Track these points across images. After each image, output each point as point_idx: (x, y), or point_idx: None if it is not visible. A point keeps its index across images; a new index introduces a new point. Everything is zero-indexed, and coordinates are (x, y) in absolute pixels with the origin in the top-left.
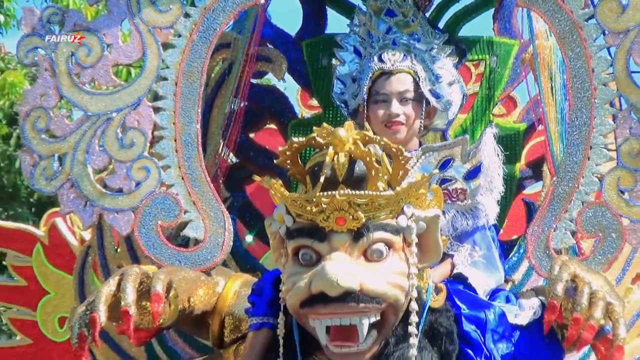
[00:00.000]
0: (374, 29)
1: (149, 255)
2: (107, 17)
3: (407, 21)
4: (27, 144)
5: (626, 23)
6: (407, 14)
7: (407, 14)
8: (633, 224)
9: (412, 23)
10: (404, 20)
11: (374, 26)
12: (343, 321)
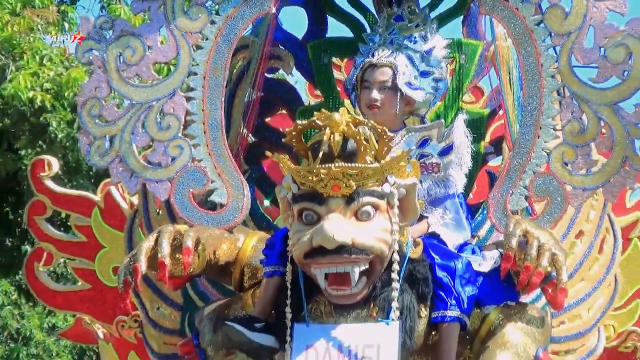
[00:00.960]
0: (384, 30)
1: (182, 216)
2: (149, 24)
3: (410, 26)
4: (84, 127)
5: (568, 27)
6: (414, 21)
7: (414, 21)
8: (574, 190)
9: (415, 28)
10: (407, 25)
11: (384, 28)
12: (338, 269)
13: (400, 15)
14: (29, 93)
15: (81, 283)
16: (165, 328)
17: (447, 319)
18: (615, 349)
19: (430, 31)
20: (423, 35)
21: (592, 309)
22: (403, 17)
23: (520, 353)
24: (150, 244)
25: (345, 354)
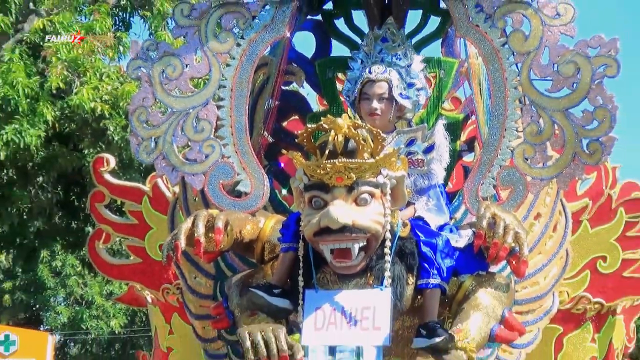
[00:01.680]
0: (372, 50)
1: (214, 203)
2: (186, 46)
3: (394, 46)
4: (134, 130)
5: (528, 47)
6: (396, 41)
7: (396, 41)
8: (534, 180)
9: (398, 47)
10: (392, 45)
11: (372, 48)
12: (341, 245)
13: (385, 37)
14: (90, 104)
15: (133, 257)
16: (200, 293)
17: (430, 285)
18: (569, 311)
19: (409, 48)
20: (404, 53)
21: (548, 277)
22: (387, 39)
23: (490, 313)
24: (189, 225)
25: (347, 314)
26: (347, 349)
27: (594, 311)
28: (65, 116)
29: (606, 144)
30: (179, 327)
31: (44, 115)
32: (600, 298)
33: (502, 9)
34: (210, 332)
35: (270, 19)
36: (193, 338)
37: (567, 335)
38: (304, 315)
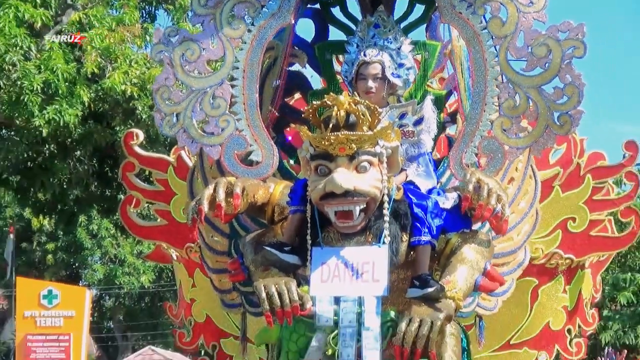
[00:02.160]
0: (365, 35)
1: (229, 171)
2: (203, 32)
3: (385, 31)
4: (158, 107)
5: (505, 32)
6: (387, 26)
7: (387, 26)
8: (511, 148)
9: (389, 32)
10: (384, 30)
11: (366, 33)
12: (344, 208)
13: (377, 23)
14: (121, 86)
15: (160, 220)
16: (216, 250)
17: (422, 242)
18: (544, 265)
19: (398, 32)
20: (394, 37)
21: (520, 233)
22: (379, 25)
23: (474, 266)
24: (211, 191)
25: (349, 268)
26: (350, 299)
27: (565, 266)
28: (99, 97)
29: (574, 117)
30: (201, 281)
31: (81, 97)
32: (571, 254)
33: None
34: (226, 284)
35: (277, 8)
36: (211, 295)
37: (541, 287)
38: (312, 269)
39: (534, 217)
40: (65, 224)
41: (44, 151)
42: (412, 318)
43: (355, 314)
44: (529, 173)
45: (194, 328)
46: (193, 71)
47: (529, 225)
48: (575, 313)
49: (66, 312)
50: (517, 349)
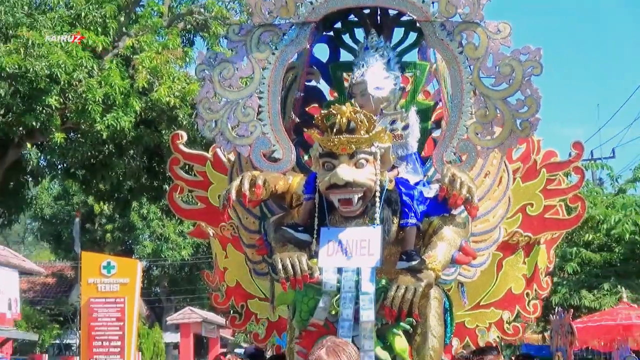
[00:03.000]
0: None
1: (256, 166)
2: (237, 55)
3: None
4: (200, 114)
5: (478, 54)
6: (375, 46)
7: (375, 46)
8: (482, 148)
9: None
10: (372, 51)
11: (361, 57)
12: (346, 196)
13: (366, 46)
14: (166, 98)
15: (199, 204)
16: (250, 229)
17: (409, 224)
18: (507, 242)
19: (386, 50)
20: (381, 54)
21: (495, 216)
22: (368, 47)
23: (452, 243)
24: (238, 183)
25: (350, 244)
26: (350, 269)
27: (524, 242)
28: (148, 107)
29: (533, 123)
30: (232, 253)
31: (134, 107)
32: (529, 232)
33: (458, 27)
34: (257, 256)
35: (295, 35)
36: (241, 261)
37: (505, 259)
38: (320, 245)
39: (506, 203)
40: (121, 209)
41: (104, 150)
42: (399, 285)
43: (354, 281)
44: (502, 167)
45: (226, 291)
46: (228, 86)
47: (502, 209)
48: (532, 280)
49: (121, 280)
50: (485, 309)
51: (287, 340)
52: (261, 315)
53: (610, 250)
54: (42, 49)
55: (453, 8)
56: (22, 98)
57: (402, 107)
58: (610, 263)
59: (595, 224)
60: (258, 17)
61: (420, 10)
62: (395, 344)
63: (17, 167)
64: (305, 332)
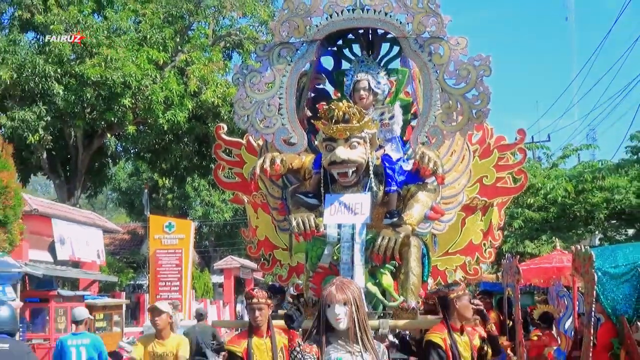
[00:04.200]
0: (357, 67)
1: (278, 149)
2: (262, 66)
3: (368, 64)
4: (236, 112)
5: (442, 61)
6: (368, 62)
7: (368, 62)
8: (447, 132)
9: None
10: (366, 64)
11: (357, 66)
12: (342, 170)
13: (362, 60)
14: (211, 99)
15: (237, 179)
16: (275, 196)
17: (391, 190)
18: (468, 204)
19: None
20: (372, 67)
21: (460, 184)
22: (363, 60)
23: (425, 204)
24: (261, 161)
25: (349, 206)
26: (347, 225)
27: (481, 204)
28: (198, 106)
29: (485, 112)
30: (261, 215)
31: (187, 106)
32: (485, 197)
33: (427, 41)
34: (280, 216)
35: (306, 51)
36: (268, 220)
37: (467, 217)
38: (324, 207)
39: (468, 174)
40: (178, 182)
41: (165, 138)
42: (383, 237)
43: (350, 234)
44: (464, 147)
45: (257, 243)
46: (256, 90)
47: (465, 179)
48: (488, 233)
49: (179, 236)
50: (452, 255)
51: (303, 280)
52: (284, 262)
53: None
54: (118, 62)
55: (423, 27)
56: (104, 100)
57: (389, 102)
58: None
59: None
60: (278, 37)
61: (399, 29)
62: (383, 280)
63: (100, 152)
64: (315, 273)
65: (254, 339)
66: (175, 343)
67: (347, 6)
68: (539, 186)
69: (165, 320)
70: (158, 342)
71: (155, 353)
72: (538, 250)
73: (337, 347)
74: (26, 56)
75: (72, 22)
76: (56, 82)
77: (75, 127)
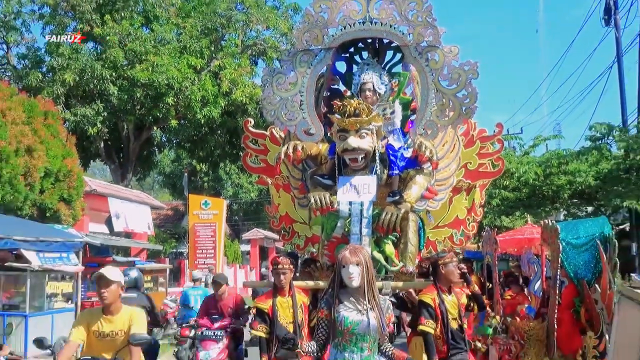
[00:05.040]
0: (363, 69)
1: (299, 138)
2: (286, 69)
3: (372, 66)
4: (264, 106)
5: (437, 66)
6: (373, 65)
7: (373, 65)
8: (441, 126)
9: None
10: (372, 67)
11: (363, 69)
12: (353, 156)
13: (368, 63)
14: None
15: (262, 164)
16: (296, 178)
17: (394, 174)
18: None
19: (378, 67)
20: (377, 70)
21: (450, 169)
22: (369, 63)
23: (421, 185)
24: (285, 148)
25: (358, 186)
26: (357, 202)
27: (466, 186)
28: (229, 103)
29: (472, 109)
30: (282, 194)
31: (220, 104)
32: (469, 180)
33: (425, 49)
34: (300, 195)
35: (323, 56)
36: (288, 199)
37: (454, 197)
38: (338, 187)
39: (457, 161)
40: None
41: (202, 131)
42: (386, 212)
43: (359, 210)
44: (455, 138)
45: (279, 218)
46: (281, 89)
47: (455, 165)
48: (471, 210)
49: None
50: (442, 229)
51: (319, 248)
52: (301, 233)
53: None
54: (162, 67)
55: (422, 37)
56: (151, 99)
57: (391, 100)
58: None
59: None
60: (300, 45)
61: (401, 39)
62: (386, 249)
63: (148, 142)
64: (329, 242)
65: (278, 298)
66: (127, 318)
67: (358, 19)
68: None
69: (115, 292)
70: (105, 319)
71: (102, 333)
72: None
73: (347, 306)
74: (86, 62)
75: (124, 33)
76: (111, 83)
77: (127, 121)
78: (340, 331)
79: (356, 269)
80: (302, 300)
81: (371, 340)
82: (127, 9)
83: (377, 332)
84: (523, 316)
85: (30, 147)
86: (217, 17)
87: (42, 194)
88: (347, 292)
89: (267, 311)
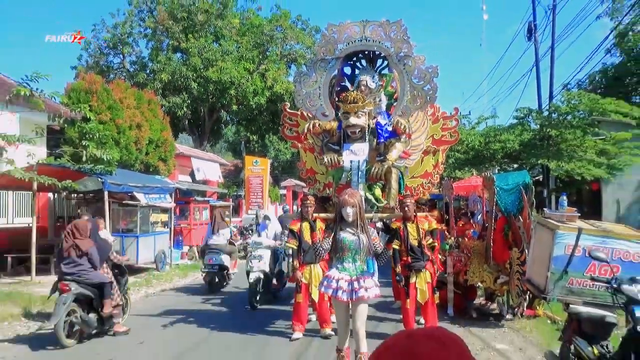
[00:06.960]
0: (362, 71)
1: (318, 118)
2: (309, 72)
3: (368, 70)
4: (296, 96)
5: (411, 69)
6: (368, 69)
7: (368, 69)
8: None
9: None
10: (368, 70)
11: (362, 70)
12: (354, 130)
13: (365, 67)
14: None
15: (295, 134)
16: (317, 144)
17: (381, 142)
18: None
19: (372, 70)
20: (370, 71)
21: (420, 137)
22: (366, 68)
23: (399, 149)
24: (309, 125)
25: (356, 150)
26: (355, 160)
27: (432, 150)
28: (272, 94)
29: (434, 98)
30: (308, 154)
31: (266, 94)
32: (434, 146)
33: (403, 58)
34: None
35: (334, 63)
36: (312, 158)
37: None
38: (343, 150)
39: (426, 133)
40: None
41: (254, 112)
42: (375, 166)
43: (357, 166)
44: (425, 118)
45: (306, 171)
46: (306, 85)
47: (424, 136)
48: (435, 166)
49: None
50: (416, 178)
51: (332, 191)
52: (321, 181)
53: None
54: (226, 70)
55: (400, 49)
56: (219, 91)
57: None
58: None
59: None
60: (319, 55)
61: (386, 51)
62: (375, 192)
63: (217, 121)
64: (338, 187)
65: (304, 223)
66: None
67: (358, 38)
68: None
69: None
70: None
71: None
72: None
73: (346, 231)
74: (176, 66)
75: (201, 47)
76: (192, 81)
77: (203, 106)
78: (340, 247)
79: (352, 210)
80: (319, 226)
81: (362, 254)
82: (203, 30)
83: (366, 248)
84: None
85: (139, 123)
86: (264, 35)
87: (147, 156)
88: (346, 223)
89: (296, 231)
